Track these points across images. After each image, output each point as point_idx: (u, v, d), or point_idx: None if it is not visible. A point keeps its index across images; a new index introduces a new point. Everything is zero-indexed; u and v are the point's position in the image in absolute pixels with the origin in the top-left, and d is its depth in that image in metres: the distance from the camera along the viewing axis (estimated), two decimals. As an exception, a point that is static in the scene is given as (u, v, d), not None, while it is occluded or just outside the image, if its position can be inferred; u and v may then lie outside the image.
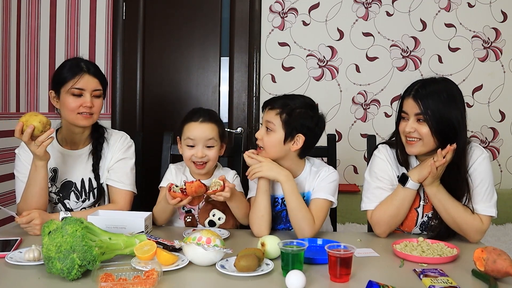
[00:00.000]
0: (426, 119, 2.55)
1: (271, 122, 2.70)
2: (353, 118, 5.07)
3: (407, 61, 5.02)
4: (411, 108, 2.61)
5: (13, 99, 4.71)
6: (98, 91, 2.88)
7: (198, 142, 2.86)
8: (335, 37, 5.04)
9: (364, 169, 2.97)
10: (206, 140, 2.87)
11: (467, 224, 2.60)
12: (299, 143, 2.68)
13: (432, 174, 2.56)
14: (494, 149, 5.06)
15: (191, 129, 2.88)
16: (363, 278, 2.01)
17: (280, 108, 2.69)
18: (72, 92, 2.82)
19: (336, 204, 2.78)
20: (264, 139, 2.72)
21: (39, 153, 2.63)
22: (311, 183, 2.80)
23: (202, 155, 2.86)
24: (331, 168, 2.84)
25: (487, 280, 2.01)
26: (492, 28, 5.00)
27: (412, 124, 2.60)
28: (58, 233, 2.02)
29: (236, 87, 5.10)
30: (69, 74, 2.84)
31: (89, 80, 2.85)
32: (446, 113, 2.55)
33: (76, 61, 2.92)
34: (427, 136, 2.57)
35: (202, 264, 2.16)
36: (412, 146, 2.64)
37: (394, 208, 2.68)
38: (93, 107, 2.85)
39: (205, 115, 2.93)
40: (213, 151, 2.90)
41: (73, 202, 2.95)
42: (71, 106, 2.81)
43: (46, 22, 4.96)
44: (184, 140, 2.90)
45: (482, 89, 5.02)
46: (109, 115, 5.01)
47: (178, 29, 5.07)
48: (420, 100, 2.57)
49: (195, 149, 2.86)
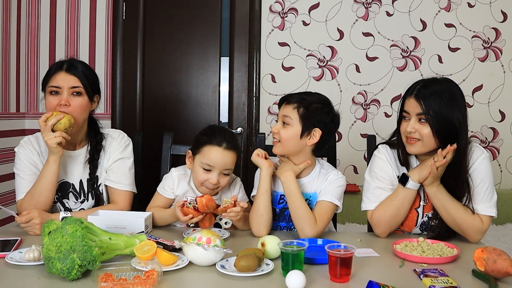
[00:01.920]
0: (427, 119, 2.55)
1: (288, 116, 2.69)
2: (353, 118, 5.07)
3: (407, 61, 5.03)
4: (413, 108, 2.60)
5: (13, 99, 4.72)
6: (76, 88, 2.80)
7: (216, 169, 2.74)
8: (335, 37, 5.04)
9: (364, 169, 2.97)
10: (225, 168, 2.76)
11: (467, 224, 2.60)
12: (316, 137, 2.68)
13: (432, 174, 2.55)
14: (494, 149, 5.07)
15: (212, 154, 2.74)
16: (363, 278, 2.01)
17: (297, 102, 2.69)
18: (50, 90, 2.80)
19: (341, 209, 2.78)
20: (281, 133, 2.71)
21: (51, 142, 2.65)
22: (319, 185, 2.80)
23: (217, 183, 2.75)
24: (339, 173, 2.83)
25: (487, 280, 2.00)
26: (492, 28, 5.01)
27: (414, 124, 2.60)
28: (58, 233, 2.02)
29: (236, 87, 5.10)
30: (48, 74, 2.84)
31: (65, 77, 2.79)
32: (448, 114, 2.54)
33: (63, 61, 2.89)
34: (428, 136, 2.57)
35: (202, 264, 2.16)
36: (412, 145, 2.64)
37: (394, 208, 2.68)
38: (69, 105, 2.77)
39: (229, 141, 2.77)
40: (227, 179, 2.81)
41: (72, 202, 2.94)
42: (49, 105, 2.79)
43: (46, 22, 4.97)
44: (202, 163, 2.75)
45: (482, 89, 5.02)
46: (109, 115, 5.01)
47: (178, 29, 5.08)
48: (422, 100, 2.56)
49: (211, 175, 2.74)
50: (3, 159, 4.44)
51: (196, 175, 2.79)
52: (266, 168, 2.74)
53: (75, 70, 2.83)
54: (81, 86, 2.82)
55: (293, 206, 2.66)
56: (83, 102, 2.83)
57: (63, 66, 2.83)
